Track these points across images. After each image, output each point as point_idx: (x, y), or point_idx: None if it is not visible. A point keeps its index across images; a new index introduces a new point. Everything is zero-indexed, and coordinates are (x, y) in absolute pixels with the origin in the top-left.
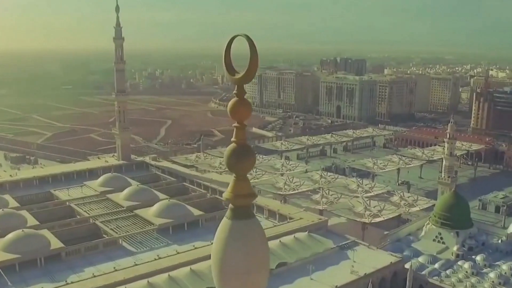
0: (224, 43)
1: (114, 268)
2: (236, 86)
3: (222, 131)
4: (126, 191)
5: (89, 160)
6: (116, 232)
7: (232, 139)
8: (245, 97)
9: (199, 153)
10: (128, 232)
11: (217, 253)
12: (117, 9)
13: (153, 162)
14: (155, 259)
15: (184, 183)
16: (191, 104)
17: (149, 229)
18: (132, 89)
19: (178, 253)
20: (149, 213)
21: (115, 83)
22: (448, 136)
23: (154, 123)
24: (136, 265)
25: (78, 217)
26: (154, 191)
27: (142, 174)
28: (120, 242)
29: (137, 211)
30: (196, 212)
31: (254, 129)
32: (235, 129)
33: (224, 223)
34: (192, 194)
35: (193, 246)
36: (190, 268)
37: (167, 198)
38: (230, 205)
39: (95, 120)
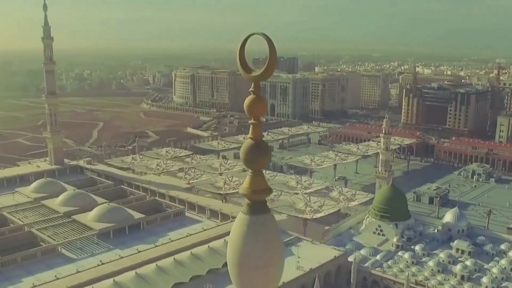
0: (149, 42)
1: (56, 276)
2: (252, 83)
3: (156, 132)
4: (61, 197)
5: (19, 165)
6: (54, 239)
7: (249, 135)
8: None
9: (134, 155)
10: (67, 238)
11: (234, 248)
12: (45, 7)
13: (88, 166)
14: (98, 265)
15: (122, 186)
16: (122, 105)
17: (89, 234)
18: (59, 90)
19: (121, 257)
20: (88, 218)
21: (45, 84)
22: (384, 131)
23: (85, 126)
24: (79, 272)
25: (12, 225)
26: (92, 195)
27: (78, 178)
28: (59, 249)
29: (75, 217)
30: (137, 215)
31: (189, 129)
32: (251, 125)
33: (241, 218)
34: (131, 197)
35: (137, 249)
36: (136, 272)
37: (105, 202)
38: (247, 201)
39: (22, 123)
